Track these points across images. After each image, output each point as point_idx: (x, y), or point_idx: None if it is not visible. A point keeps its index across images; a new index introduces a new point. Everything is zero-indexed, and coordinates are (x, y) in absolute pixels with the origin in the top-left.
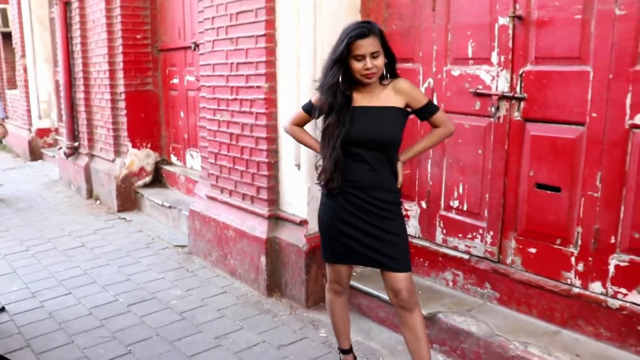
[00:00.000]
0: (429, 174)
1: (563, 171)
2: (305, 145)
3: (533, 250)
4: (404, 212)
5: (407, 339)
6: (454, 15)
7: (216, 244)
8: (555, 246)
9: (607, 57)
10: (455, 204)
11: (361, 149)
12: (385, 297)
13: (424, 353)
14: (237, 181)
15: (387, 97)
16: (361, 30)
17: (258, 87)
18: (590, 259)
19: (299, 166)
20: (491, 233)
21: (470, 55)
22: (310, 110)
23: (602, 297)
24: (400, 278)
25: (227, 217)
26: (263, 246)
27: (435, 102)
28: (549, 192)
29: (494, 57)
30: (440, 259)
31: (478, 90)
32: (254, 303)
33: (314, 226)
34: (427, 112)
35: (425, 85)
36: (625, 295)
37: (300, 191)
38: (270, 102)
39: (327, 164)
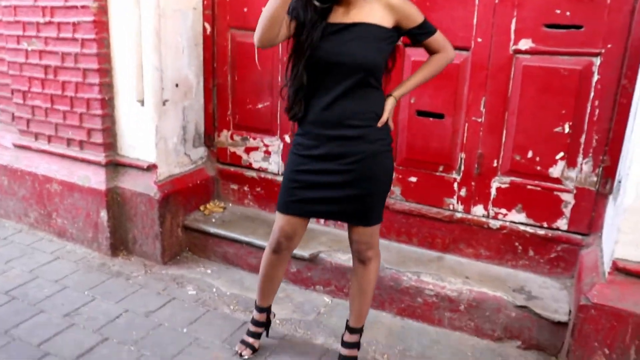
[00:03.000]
0: None
1: (447, 98)
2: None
3: (413, 179)
4: (267, 148)
5: (351, 288)
6: None
7: (35, 202)
8: (438, 173)
9: None
10: None
11: (331, 76)
12: (257, 241)
13: (361, 308)
14: (58, 124)
15: (370, 12)
16: None
17: (83, 7)
18: (473, 183)
19: (142, 102)
20: None
21: None
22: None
23: (483, 219)
24: (363, 232)
25: (49, 168)
26: (103, 199)
27: None
28: (431, 119)
29: None
30: None
31: None
32: (98, 266)
33: (165, 170)
34: (423, 32)
35: None
36: (505, 215)
37: (146, 131)
38: (101, 25)
39: (290, 90)
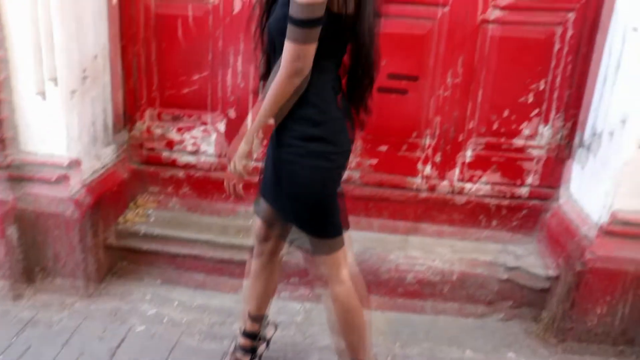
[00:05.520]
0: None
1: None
2: None
3: (374, 161)
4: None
5: None
6: None
7: None
8: (400, 153)
9: None
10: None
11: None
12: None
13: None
14: None
15: None
16: None
17: None
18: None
19: (55, 80)
20: None
21: None
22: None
23: (448, 196)
24: None
25: None
26: (10, 212)
27: None
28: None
29: None
30: None
31: None
32: (13, 299)
33: (90, 166)
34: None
35: None
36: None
37: (63, 118)
38: None
39: None
